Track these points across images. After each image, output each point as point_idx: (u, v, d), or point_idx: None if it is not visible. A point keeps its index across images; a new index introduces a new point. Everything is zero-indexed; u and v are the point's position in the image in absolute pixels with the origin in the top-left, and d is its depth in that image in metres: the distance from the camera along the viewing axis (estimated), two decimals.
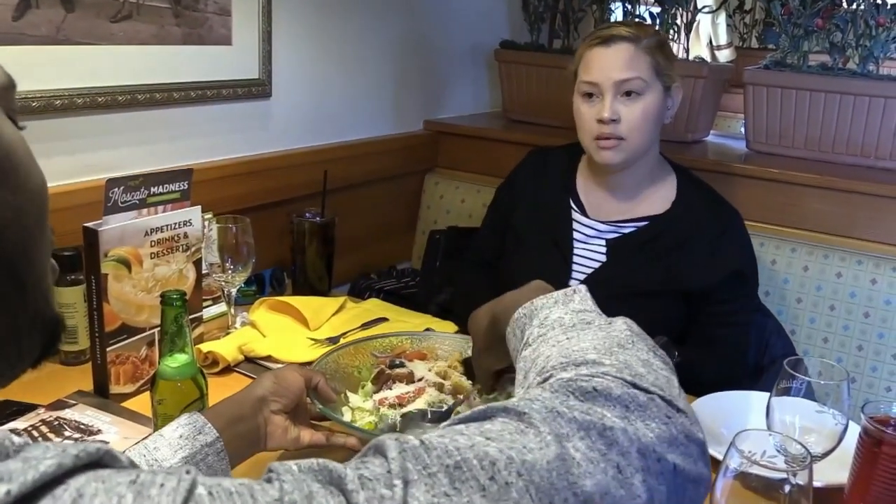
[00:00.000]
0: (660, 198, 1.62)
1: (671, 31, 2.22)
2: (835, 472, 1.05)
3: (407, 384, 1.17)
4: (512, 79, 2.41)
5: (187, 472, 0.42)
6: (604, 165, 1.59)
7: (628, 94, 1.52)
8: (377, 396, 1.15)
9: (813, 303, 1.79)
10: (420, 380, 1.19)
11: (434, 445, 0.49)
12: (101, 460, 0.42)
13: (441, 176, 2.36)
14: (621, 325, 0.70)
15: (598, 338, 0.66)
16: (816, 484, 1.02)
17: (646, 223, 1.60)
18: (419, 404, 1.12)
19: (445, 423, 0.55)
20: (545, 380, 0.62)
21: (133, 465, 0.45)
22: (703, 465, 0.58)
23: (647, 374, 0.61)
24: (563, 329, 0.72)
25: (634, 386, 0.58)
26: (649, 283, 1.55)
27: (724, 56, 3.81)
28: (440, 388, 1.17)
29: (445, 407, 1.12)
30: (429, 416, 1.11)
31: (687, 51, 2.27)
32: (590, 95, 1.56)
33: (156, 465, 0.86)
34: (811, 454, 0.87)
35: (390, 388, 1.17)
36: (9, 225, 0.50)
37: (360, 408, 1.14)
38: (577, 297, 0.78)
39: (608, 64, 1.53)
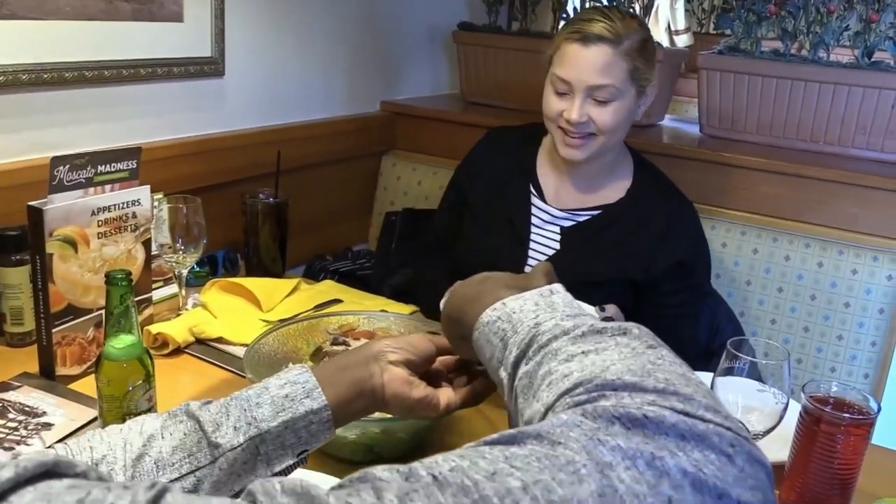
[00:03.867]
0: (616, 187, 1.62)
1: None
2: (777, 449, 1.08)
3: None
4: (470, 61, 2.40)
5: (149, 488, 0.39)
6: (570, 161, 1.56)
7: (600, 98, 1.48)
8: None
9: (762, 285, 1.82)
10: None
11: (449, 482, 0.43)
12: (55, 468, 0.40)
13: (398, 157, 2.35)
14: (638, 334, 0.62)
15: (624, 355, 0.59)
16: None
17: (599, 212, 1.60)
18: None
19: (468, 445, 0.49)
20: (577, 404, 0.53)
21: (90, 471, 0.42)
22: (769, 492, 0.49)
23: (696, 395, 0.52)
24: (571, 340, 0.63)
25: (687, 414, 0.50)
26: (598, 272, 1.55)
27: (683, 41, 3.84)
28: None
29: None
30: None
31: None
32: (562, 91, 1.52)
33: (254, 423, 0.77)
34: (749, 432, 0.89)
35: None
36: None
37: None
38: (557, 299, 0.71)
39: (583, 65, 1.47)
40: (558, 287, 0.74)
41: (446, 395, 0.90)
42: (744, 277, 1.84)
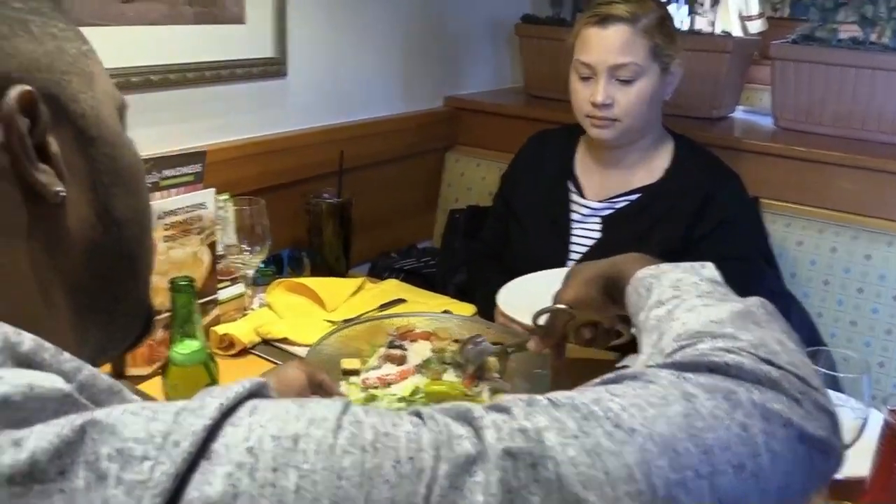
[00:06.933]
0: (654, 168, 1.62)
1: (696, 2, 2.17)
2: (857, 464, 1.03)
3: (398, 365, 1.19)
4: (533, 54, 2.37)
5: (341, 398, 0.50)
6: (599, 141, 1.59)
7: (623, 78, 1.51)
8: (363, 375, 1.19)
9: (841, 285, 1.75)
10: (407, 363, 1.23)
11: (562, 402, 0.52)
12: (262, 390, 0.49)
13: (461, 153, 2.33)
14: (757, 302, 0.70)
15: (736, 311, 0.67)
16: (837, 476, 1.01)
17: (639, 195, 1.60)
18: (397, 388, 1.16)
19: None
20: (681, 347, 0.63)
21: None
22: (833, 436, 0.58)
23: (782, 353, 0.61)
24: (699, 294, 0.73)
25: (768, 363, 0.59)
26: (643, 252, 1.53)
27: (755, 27, 3.71)
28: (427, 372, 1.20)
29: None
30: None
31: (713, 24, 2.21)
32: (585, 76, 1.55)
33: None
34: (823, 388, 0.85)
35: (379, 368, 1.19)
36: (130, 223, 0.58)
37: (354, 384, 1.18)
38: (706, 271, 0.80)
39: (603, 47, 1.51)
40: (710, 265, 0.82)
41: None
42: (821, 277, 1.77)
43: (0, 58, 0.48)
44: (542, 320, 1.06)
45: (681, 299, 0.73)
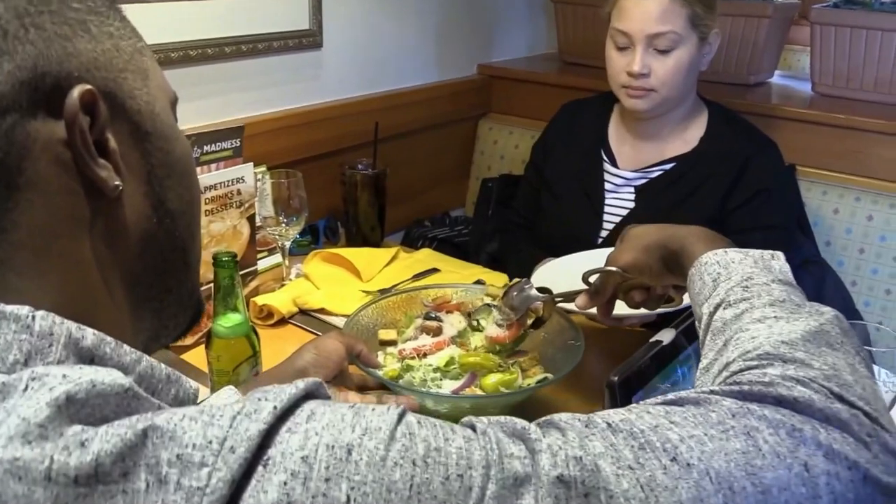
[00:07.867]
0: (688, 137, 1.61)
1: None
2: None
3: (433, 337, 1.20)
4: (568, 20, 2.34)
5: (396, 405, 0.50)
6: (634, 111, 1.58)
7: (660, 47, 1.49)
8: (400, 346, 1.21)
9: (876, 253, 1.74)
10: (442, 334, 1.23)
11: (620, 427, 0.53)
12: (318, 390, 0.51)
13: (495, 121, 2.33)
14: (832, 318, 0.67)
15: (810, 330, 0.65)
16: None
17: (672, 164, 1.60)
18: (433, 359, 1.16)
19: (637, 404, 0.58)
20: (748, 368, 0.62)
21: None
22: None
23: (854, 385, 0.59)
24: (770, 301, 0.70)
25: (840, 399, 0.57)
26: (678, 222, 1.53)
27: None
28: (460, 345, 1.20)
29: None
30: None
31: None
32: (622, 45, 1.53)
33: None
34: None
35: (416, 339, 1.21)
36: (183, 215, 0.59)
37: (391, 354, 1.20)
38: (776, 264, 0.77)
39: (641, 15, 1.48)
40: (781, 255, 0.79)
41: (356, 397, 1.02)
42: (857, 245, 1.76)
43: (63, 58, 0.50)
44: (592, 279, 1.06)
45: (750, 304, 0.71)
